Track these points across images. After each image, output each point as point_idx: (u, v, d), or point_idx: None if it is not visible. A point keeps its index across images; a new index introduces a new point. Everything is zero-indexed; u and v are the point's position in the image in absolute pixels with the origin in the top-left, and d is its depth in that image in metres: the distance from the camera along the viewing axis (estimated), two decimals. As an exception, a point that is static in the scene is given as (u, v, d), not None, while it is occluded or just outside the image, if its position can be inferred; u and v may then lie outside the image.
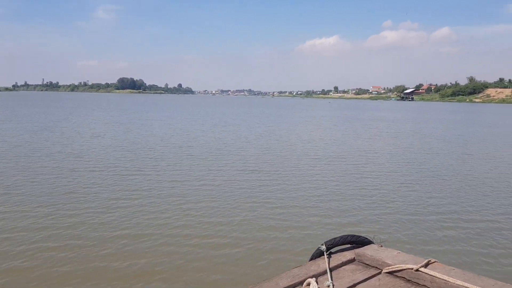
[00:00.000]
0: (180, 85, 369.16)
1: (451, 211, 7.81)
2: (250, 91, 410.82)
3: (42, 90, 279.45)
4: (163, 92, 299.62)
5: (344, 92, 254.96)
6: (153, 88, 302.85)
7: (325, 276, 1.92)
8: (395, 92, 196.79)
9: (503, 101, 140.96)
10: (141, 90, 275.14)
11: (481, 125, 33.82)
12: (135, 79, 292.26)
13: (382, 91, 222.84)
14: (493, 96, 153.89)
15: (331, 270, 1.97)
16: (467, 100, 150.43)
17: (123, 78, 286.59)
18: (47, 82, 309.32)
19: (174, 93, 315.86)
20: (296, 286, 1.84)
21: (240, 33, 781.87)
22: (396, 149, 17.30)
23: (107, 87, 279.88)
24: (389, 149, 17.28)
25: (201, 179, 10.21)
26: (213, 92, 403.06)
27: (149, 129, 23.64)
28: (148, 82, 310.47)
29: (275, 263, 5.37)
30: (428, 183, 10.35)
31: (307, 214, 7.44)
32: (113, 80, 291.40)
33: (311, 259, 2.16)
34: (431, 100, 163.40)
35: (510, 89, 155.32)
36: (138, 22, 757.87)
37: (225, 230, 6.58)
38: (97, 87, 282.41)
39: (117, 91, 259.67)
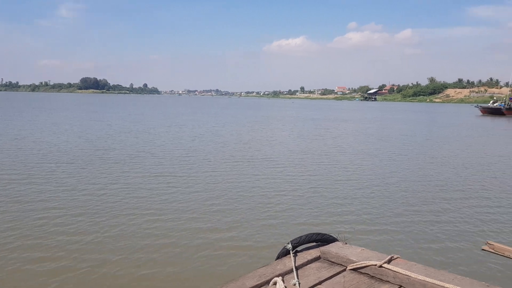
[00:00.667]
0: (145, 85, 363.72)
1: (413, 209, 7.96)
2: (217, 91, 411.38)
3: (1, 90, 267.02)
4: (127, 92, 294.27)
5: (310, 92, 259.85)
6: (118, 88, 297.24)
7: (291, 275, 1.93)
8: (359, 93, 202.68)
9: (461, 101, 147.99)
10: (104, 90, 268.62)
11: (429, 125, 35.62)
12: (98, 79, 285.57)
13: (347, 92, 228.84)
14: (452, 96, 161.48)
15: (297, 268, 1.98)
16: (428, 100, 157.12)
17: (85, 78, 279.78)
18: (6, 82, 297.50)
19: (139, 93, 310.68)
20: (262, 286, 1.84)
21: (208, 34, 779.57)
22: (351, 149, 17.57)
23: (69, 87, 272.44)
24: (346, 149, 17.51)
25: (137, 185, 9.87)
26: (180, 92, 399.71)
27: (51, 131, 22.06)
28: (113, 82, 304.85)
29: (241, 264, 5.31)
30: (389, 182, 10.57)
31: (272, 215, 7.38)
32: (77, 80, 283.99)
33: (277, 258, 2.17)
34: (393, 100, 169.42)
35: (468, 89, 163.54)
36: (102, 21, 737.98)
37: (190, 233, 6.40)
38: (59, 87, 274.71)
39: (80, 91, 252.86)
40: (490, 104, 61.16)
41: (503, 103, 56.26)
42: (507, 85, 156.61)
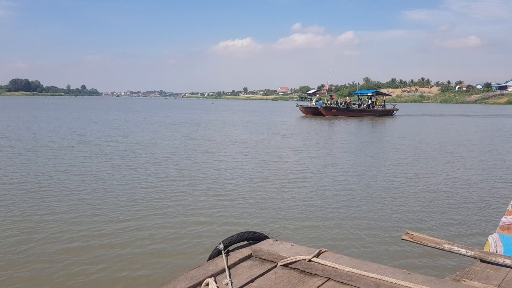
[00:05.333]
0: (83, 86, 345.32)
1: (339, 205, 8.30)
2: (161, 92, 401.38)
3: None
4: (62, 94, 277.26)
5: (253, 93, 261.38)
6: (52, 90, 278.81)
7: (223, 275, 1.91)
8: (298, 93, 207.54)
9: (393, 100, 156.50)
10: (36, 92, 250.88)
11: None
12: (30, 80, 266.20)
13: (289, 92, 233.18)
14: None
15: (229, 268, 1.97)
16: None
17: (16, 79, 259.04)
18: None
19: (77, 95, 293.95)
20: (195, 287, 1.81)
21: (150, 34, 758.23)
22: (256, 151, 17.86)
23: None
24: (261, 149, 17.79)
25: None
26: (122, 93, 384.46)
27: None
28: (48, 84, 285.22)
29: (173, 267, 5.25)
30: (313, 179, 10.93)
31: (202, 215, 7.37)
32: (8, 82, 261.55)
33: (209, 259, 2.14)
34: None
35: (400, 89, 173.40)
36: (36, 20, 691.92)
37: (115, 234, 6.26)
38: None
39: (9, 93, 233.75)
40: (310, 103, 52.08)
41: (321, 102, 47.04)
42: (437, 84, 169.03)
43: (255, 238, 2.28)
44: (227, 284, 1.82)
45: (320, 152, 16.41)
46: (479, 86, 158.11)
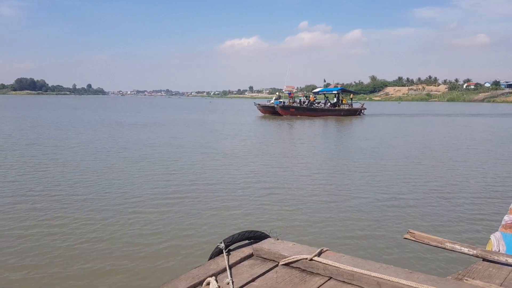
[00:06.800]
0: (89, 85, 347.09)
1: (340, 204, 8.32)
2: (167, 91, 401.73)
3: None
4: (68, 93, 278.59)
5: (258, 92, 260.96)
6: (57, 89, 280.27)
7: (224, 274, 1.91)
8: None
9: (399, 99, 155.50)
10: (41, 92, 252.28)
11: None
12: (35, 79, 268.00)
13: (295, 91, 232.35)
14: (392, 94, 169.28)
15: (230, 267, 1.96)
16: (367, 98, 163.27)
17: (21, 78, 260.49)
18: None
19: (82, 94, 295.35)
20: (196, 287, 1.80)
21: (157, 33, 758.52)
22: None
23: (2, 88, 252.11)
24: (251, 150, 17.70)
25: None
26: (128, 92, 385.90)
27: None
28: (54, 83, 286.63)
29: (175, 266, 5.28)
30: (314, 179, 10.95)
31: (205, 216, 7.40)
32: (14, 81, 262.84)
33: (210, 258, 2.13)
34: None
35: (406, 87, 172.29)
36: (44, 19, 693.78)
37: (115, 234, 6.31)
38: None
39: (14, 92, 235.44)
40: (268, 102, 46.43)
41: (278, 100, 42.76)
42: (445, 82, 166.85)
43: (256, 237, 2.27)
44: (228, 283, 1.82)
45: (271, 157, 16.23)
46: (487, 84, 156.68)
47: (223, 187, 9.70)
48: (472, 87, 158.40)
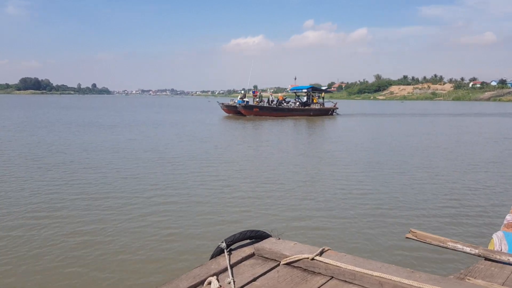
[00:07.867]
0: (94, 85, 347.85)
1: (342, 203, 8.32)
2: (172, 90, 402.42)
3: None
4: (72, 92, 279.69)
5: (263, 91, 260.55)
6: (62, 89, 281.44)
7: (226, 273, 1.91)
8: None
9: (403, 98, 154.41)
10: (45, 91, 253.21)
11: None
12: (40, 79, 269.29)
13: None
14: (396, 93, 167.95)
15: (231, 266, 1.97)
16: (371, 97, 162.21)
17: (25, 78, 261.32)
18: None
19: (87, 93, 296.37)
20: (197, 286, 1.80)
21: (162, 33, 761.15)
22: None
23: (6, 87, 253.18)
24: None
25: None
26: (133, 91, 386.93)
27: None
28: (60, 82, 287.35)
29: (175, 266, 5.30)
30: (314, 179, 10.94)
31: (207, 215, 7.43)
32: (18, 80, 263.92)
33: (212, 257, 2.13)
34: (340, 98, 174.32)
35: (411, 86, 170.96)
36: (48, 19, 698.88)
37: (122, 234, 6.35)
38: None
39: (18, 92, 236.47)
40: (231, 101, 42.32)
41: (242, 100, 39.48)
42: (450, 81, 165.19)
43: (257, 236, 2.27)
44: (229, 283, 1.82)
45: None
46: (493, 83, 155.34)
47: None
48: (478, 85, 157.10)
